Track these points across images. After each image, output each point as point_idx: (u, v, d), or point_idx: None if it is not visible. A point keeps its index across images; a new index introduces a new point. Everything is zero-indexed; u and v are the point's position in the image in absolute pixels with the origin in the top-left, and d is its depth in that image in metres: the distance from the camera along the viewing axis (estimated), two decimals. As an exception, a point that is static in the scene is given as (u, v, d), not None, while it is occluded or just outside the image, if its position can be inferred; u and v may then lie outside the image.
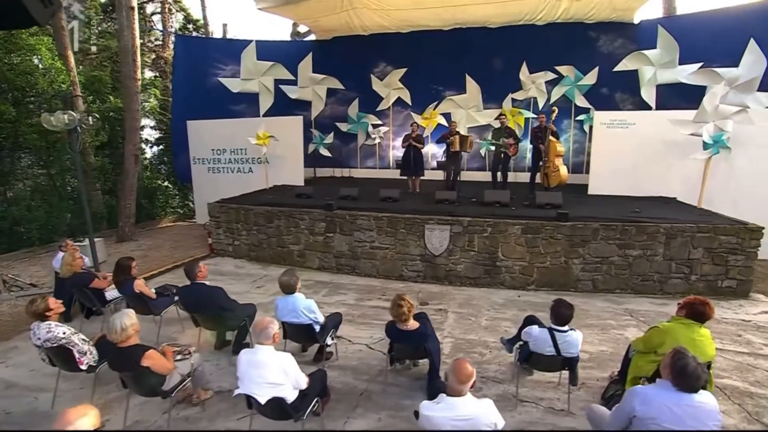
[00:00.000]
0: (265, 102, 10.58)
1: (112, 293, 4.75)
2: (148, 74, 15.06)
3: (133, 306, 4.51)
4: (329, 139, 11.44)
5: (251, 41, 10.28)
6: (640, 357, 3.06)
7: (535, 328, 3.04)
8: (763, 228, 5.54)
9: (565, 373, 3.35)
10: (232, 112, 11.30)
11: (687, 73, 8.21)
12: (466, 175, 9.92)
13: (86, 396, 3.51)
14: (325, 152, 11.41)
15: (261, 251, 7.46)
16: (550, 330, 2.96)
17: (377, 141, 11.56)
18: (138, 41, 8.80)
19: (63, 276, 4.62)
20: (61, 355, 3.19)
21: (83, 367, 3.23)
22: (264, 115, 10.56)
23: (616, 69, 9.09)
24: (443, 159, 8.53)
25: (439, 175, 9.07)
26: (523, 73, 10.17)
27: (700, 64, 8.27)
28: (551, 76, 10.00)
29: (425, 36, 10.95)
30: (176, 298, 4.69)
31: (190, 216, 12.39)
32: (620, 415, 2.21)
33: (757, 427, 3.12)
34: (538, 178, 7.97)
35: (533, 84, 10.16)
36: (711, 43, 8.44)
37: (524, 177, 9.01)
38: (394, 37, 11.16)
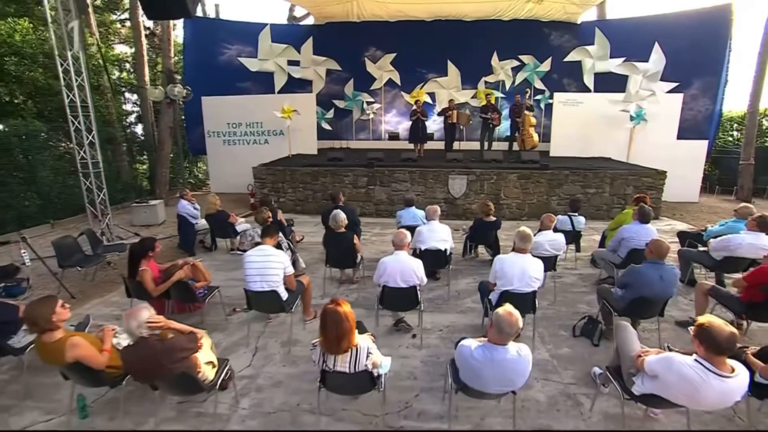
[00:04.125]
0: (280, 80, 11.84)
1: (241, 226, 6.29)
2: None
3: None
4: (330, 114, 12.99)
5: (265, 24, 11.39)
6: (612, 232, 5.48)
7: (560, 216, 5.33)
8: (666, 172, 8.45)
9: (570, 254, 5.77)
10: (238, 89, 12.32)
11: (615, 65, 11.11)
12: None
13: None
14: (326, 126, 12.95)
15: (306, 205, 9.07)
16: (569, 215, 5.28)
17: (371, 116, 13.30)
18: (172, 23, 9.62)
19: (208, 212, 6.05)
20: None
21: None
22: (278, 92, 11.81)
23: (566, 59, 11.77)
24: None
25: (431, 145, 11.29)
26: (494, 60, 12.52)
27: (623, 59, 11.22)
28: (516, 63, 12.47)
29: (411, 25, 12.75)
30: (292, 227, 6.38)
31: (199, 186, 13.27)
32: (614, 241, 4.56)
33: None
34: (515, 146, 10.42)
35: (502, 69, 12.57)
36: (630, 43, 11.36)
37: (500, 145, 11.45)
38: (383, 25, 12.82)
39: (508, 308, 2.20)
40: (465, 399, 2.96)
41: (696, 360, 2.05)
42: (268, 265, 3.49)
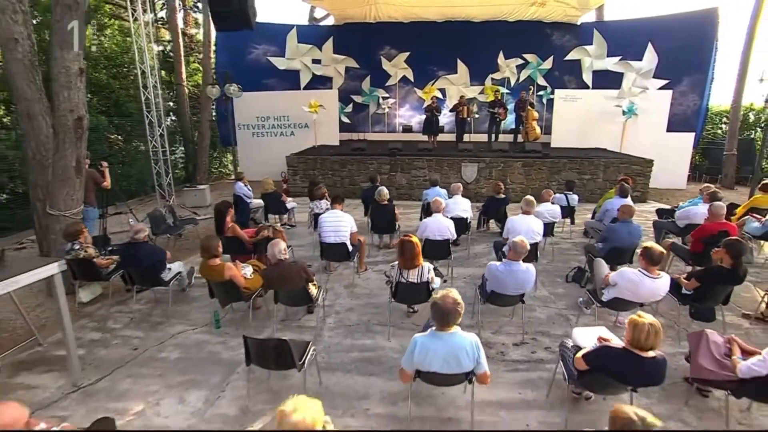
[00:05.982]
0: (305, 77, 12.96)
1: (290, 204, 7.48)
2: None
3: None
4: (348, 108, 14.12)
5: (292, 26, 12.48)
6: (600, 207, 6.67)
7: (557, 194, 6.51)
8: (653, 160, 9.59)
9: (566, 228, 6.95)
10: (264, 86, 13.42)
11: (612, 63, 12.20)
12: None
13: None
14: (345, 119, 14.08)
15: (335, 190, 10.19)
16: (564, 193, 6.46)
17: (386, 110, 14.39)
18: (212, 26, 10.70)
19: (265, 192, 7.24)
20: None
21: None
22: (303, 89, 12.93)
23: (566, 58, 12.85)
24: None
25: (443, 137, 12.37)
26: (500, 59, 13.59)
27: (620, 57, 12.30)
28: (520, 61, 13.54)
29: (423, 26, 13.78)
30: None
31: (228, 175, 14.44)
32: (600, 213, 5.74)
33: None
34: (520, 138, 11.55)
35: (507, 67, 13.64)
36: (625, 43, 12.42)
37: (506, 137, 12.59)
38: (398, 26, 13.85)
39: (521, 237, 3.40)
40: (487, 315, 4.20)
41: (638, 270, 3.25)
42: (340, 223, 4.69)
